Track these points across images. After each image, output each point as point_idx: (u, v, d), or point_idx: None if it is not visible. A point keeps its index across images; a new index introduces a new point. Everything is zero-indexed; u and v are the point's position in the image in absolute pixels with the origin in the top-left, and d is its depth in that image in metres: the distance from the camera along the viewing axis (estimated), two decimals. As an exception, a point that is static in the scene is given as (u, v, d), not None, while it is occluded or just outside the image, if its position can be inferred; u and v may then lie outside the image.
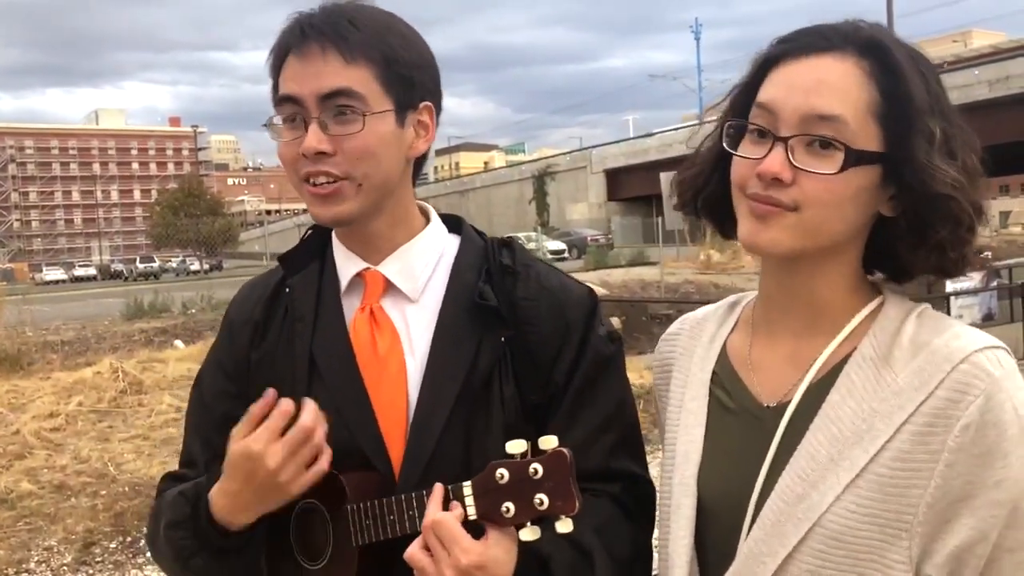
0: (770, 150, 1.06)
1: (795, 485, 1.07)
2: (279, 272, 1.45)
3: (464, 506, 1.15)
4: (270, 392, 1.25)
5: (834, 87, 1.04)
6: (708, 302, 1.30)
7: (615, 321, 14.23)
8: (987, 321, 12.28)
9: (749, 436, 1.15)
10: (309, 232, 1.47)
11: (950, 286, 12.79)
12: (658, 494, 1.29)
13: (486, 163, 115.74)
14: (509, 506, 1.11)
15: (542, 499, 1.10)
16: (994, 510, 0.99)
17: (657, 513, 1.29)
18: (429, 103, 1.36)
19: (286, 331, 1.39)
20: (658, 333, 1.39)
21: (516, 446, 1.12)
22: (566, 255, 36.89)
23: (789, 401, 1.12)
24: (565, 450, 1.11)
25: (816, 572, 1.04)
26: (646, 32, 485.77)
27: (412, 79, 1.32)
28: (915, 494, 1.01)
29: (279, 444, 1.21)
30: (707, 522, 1.17)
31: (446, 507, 1.16)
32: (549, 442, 1.12)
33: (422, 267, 1.38)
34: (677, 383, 1.27)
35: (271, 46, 1.34)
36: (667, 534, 1.20)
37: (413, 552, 1.15)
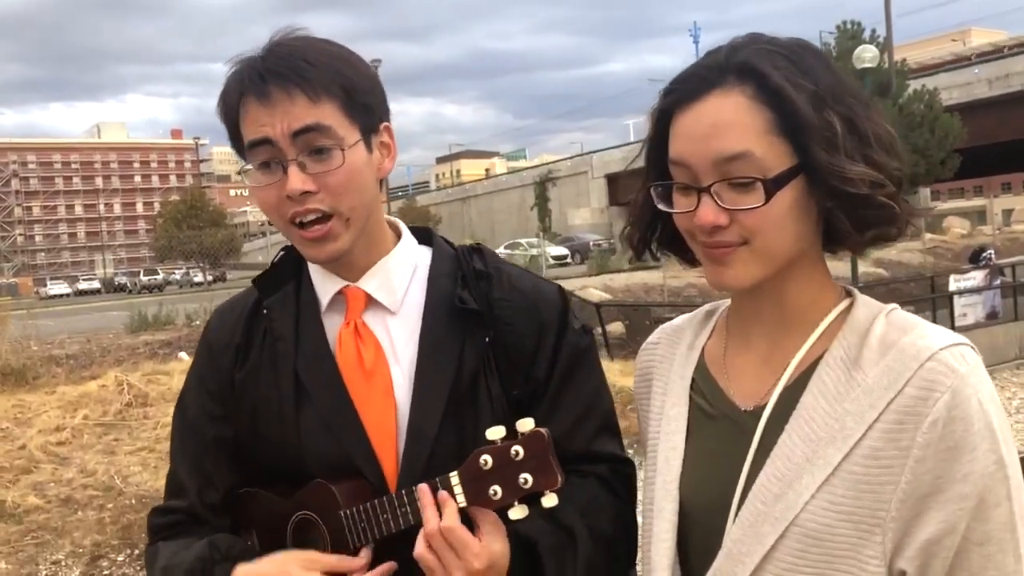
0: (699, 201, 1.10)
1: (772, 485, 1.10)
2: (253, 293, 1.47)
3: (453, 495, 1.20)
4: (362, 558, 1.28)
5: (730, 125, 1.08)
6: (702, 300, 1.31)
7: (618, 326, 14.23)
8: (991, 319, 12.27)
9: (728, 440, 1.18)
10: (282, 253, 1.49)
11: (953, 285, 12.78)
12: (641, 499, 1.32)
13: (487, 170, 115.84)
14: (496, 489, 1.17)
15: (526, 478, 1.16)
16: (962, 503, 1.02)
17: (640, 518, 1.32)
18: (387, 123, 1.40)
19: (267, 351, 1.41)
20: (658, 329, 1.42)
21: (495, 432, 1.19)
22: (569, 260, 36.89)
23: (765, 404, 1.15)
24: (542, 429, 1.18)
25: (793, 570, 1.07)
26: (645, 36, 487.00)
27: (370, 104, 1.35)
28: (887, 490, 1.04)
29: None
30: (689, 526, 1.20)
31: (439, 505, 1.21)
32: (526, 424, 1.19)
33: (399, 280, 1.42)
34: (657, 391, 1.31)
35: (224, 86, 1.34)
36: (649, 538, 1.23)
37: (422, 552, 1.20)
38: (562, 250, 38.74)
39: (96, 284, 68.01)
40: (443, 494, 1.20)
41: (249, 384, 1.41)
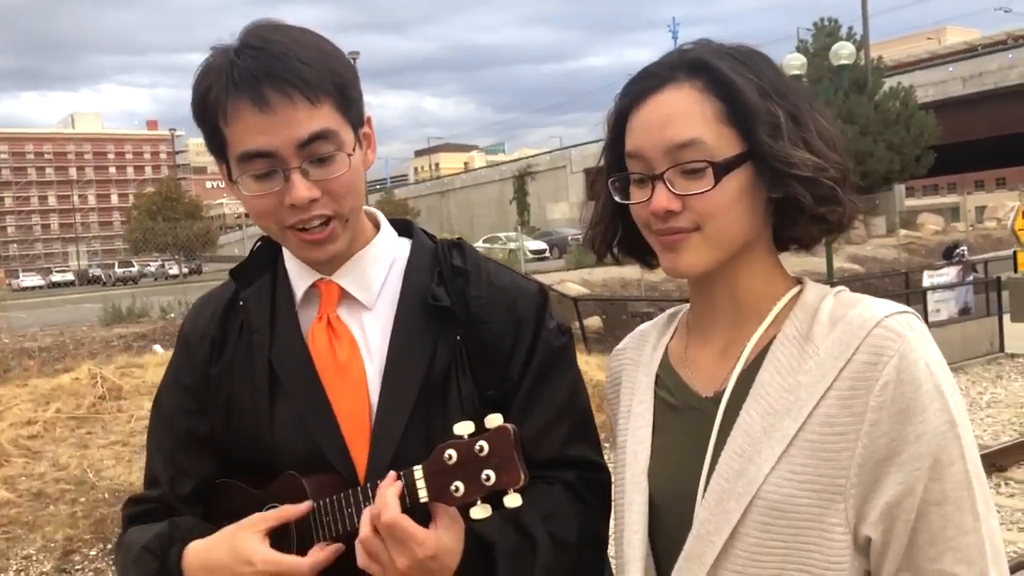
0: (653, 189, 1.16)
1: (733, 462, 1.13)
2: (231, 286, 1.45)
3: (416, 489, 1.17)
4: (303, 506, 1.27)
5: (680, 114, 1.15)
6: (688, 300, 1.34)
7: (596, 320, 14.27)
8: (964, 315, 12.41)
9: (692, 428, 1.20)
10: (259, 244, 1.47)
11: (927, 280, 12.92)
12: (612, 495, 1.32)
13: (466, 163, 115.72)
14: (458, 485, 1.15)
15: (489, 475, 1.13)
16: (917, 463, 1.05)
17: (612, 513, 1.33)
18: (368, 114, 1.37)
19: (243, 344, 1.40)
20: (627, 336, 1.43)
21: (464, 427, 1.16)
22: (547, 255, 36.94)
23: (724, 388, 1.19)
24: (509, 426, 1.15)
25: (761, 544, 1.10)
26: (624, 31, 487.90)
27: (356, 98, 1.32)
28: (845, 456, 1.07)
29: None
30: (659, 515, 1.22)
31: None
32: (494, 420, 1.16)
33: (376, 274, 1.40)
34: (626, 391, 1.34)
35: (199, 81, 1.26)
36: (621, 531, 1.25)
37: (365, 562, 1.19)
38: (540, 244, 38.78)
39: (70, 276, 67.26)
40: (396, 486, 1.18)
41: (224, 377, 1.40)
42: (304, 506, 1.28)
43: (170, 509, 1.41)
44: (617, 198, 1.22)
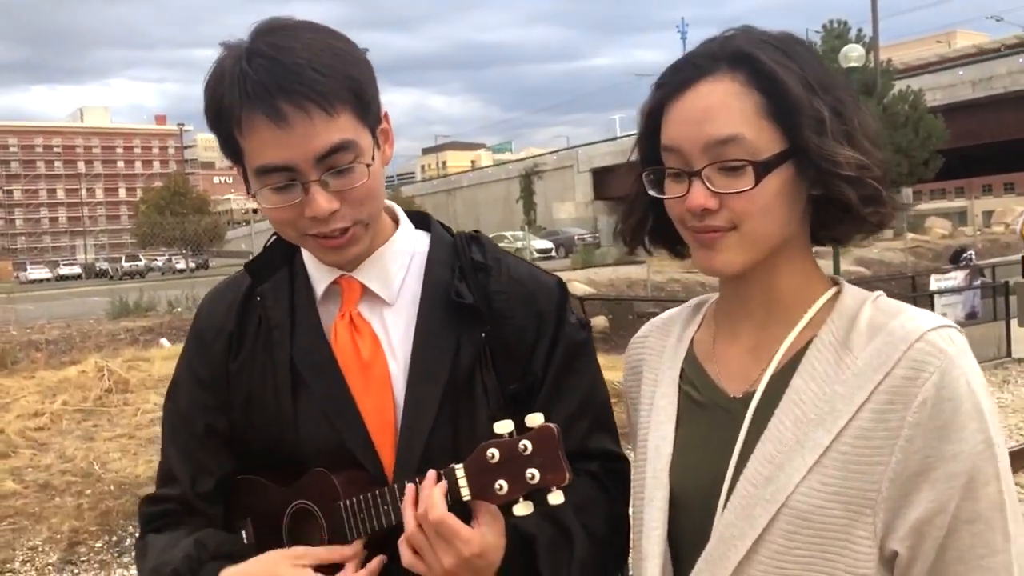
0: (690, 186, 1.12)
1: (763, 468, 1.11)
2: (245, 280, 1.44)
3: (458, 488, 1.18)
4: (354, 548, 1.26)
5: (720, 109, 1.10)
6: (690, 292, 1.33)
7: (601, 319, 14.27)
8: (970, 319, 12.37)
9: (718, 427, 1.18)
10: (273, 239, 1.45)
11: (934, 284, 12.88)
12: (632, 488, 1.32)
13: (473, 162, 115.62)
14: (502, 483, 1.15)
15: (533, 473, 1.13)
16: (951, 482, 1.03)
17: (631, 508, 1.33)
18: (384, 110, 1.34)
19: (262, 340, 1.38)
20: (648, 322, 1.42)
21: (503, 426, 1.16)
22: (553, 254, 36.93)
23: (754, 391, 1.16)
24: (552, 425, 1.15)
25: (785, 551, 1.08)
26: (632, 31, 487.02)
27: (374, 99, 1.29)
28: (877, 471, 1.05)
29: None
30: (679, 514, 1.21)
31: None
32: (535, 419, 1.15)
33: (396, 270, 1.39)
34: (648, 383, 1.32)
35: (212, 88, 1.23)
36: (640, 527, 1.24)
37: (413, 533, 1.18)
38: (547, 243, 38.77)
39: (77, 269, 67.49)
40: (441, 485, 1.18)
41: (244, 373, 1.38)
42: (352, 551, 1.26)
43: (189, 508, 1.39)
44: (652, 192, 1.19)
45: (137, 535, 1.47)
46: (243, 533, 1.38)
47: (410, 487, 1.20)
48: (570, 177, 57.07)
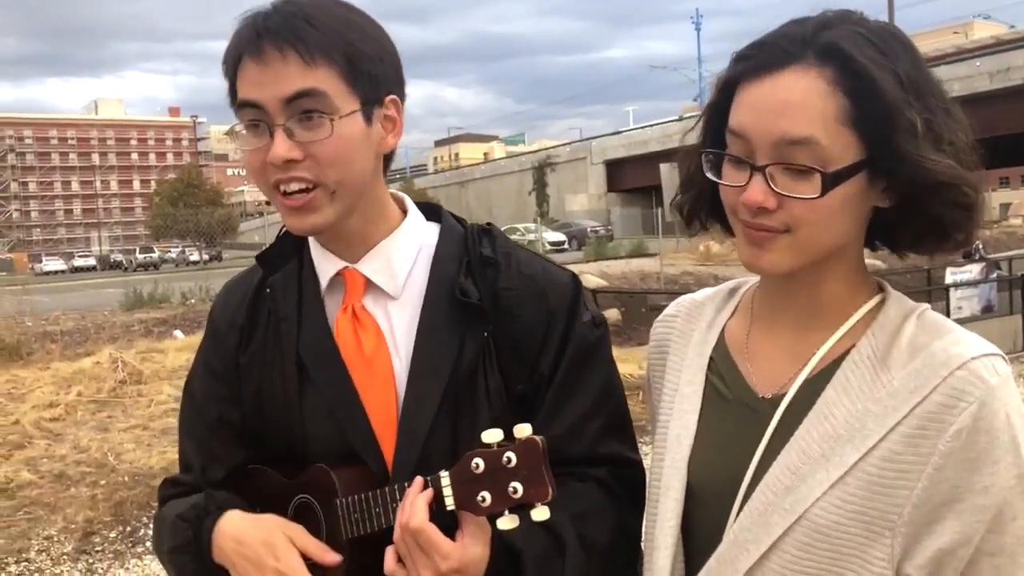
0: (750, 179, 1.06)
1: (784, 477, 1.08)
2: (258, 271, 1.44)
3: (442, 496, 1.15)
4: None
5: (800, 106, 1.02)
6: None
7: (614, 312, 14.24)
8: (986, 313, 12.29)
9: (743, 425, 1.16)
10: (284, 229, 1.43)
11: (949, 278, 12.80)
12: (648, 475, 1.29)
13: (486, 154, 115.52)
14: (485, 495, 1.12)
15: (516, 487, 1.10)
16: (979, 515, 1.00)
17: (646, 495, 1.30)
18: (394, 96, 1.31)
19: (271, 332, 1.38)
20: (678, 300, 1.38)
21: (492, 435, 1.13)
22: (566, 246, 36.90)
23: (784, 394, 1.13)
24: (537, 438, 1.11)
25: (797, 563, 1.06)
26: (646, 22, 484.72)
27: (376, 74, 1.27)
28: (902, 494, 1.02)
29: None
30: (694, 507, 1.18)
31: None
32: (523, 430, 1.12)
33: (402, 262, 1.36)
34: (672, 366, 1.28)
35: (227, 46, 1.28)
36: (654, 516, 1.22)
37: (397, 544, 1.17)
38: (559, 236, 38.73)
39: (92, 261, 67.83)
40: (427, 493, 1.16)
41: (254, 365, 1.39)
42: (334, 560, 1.27)
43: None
44: (708, 174, 1.12)
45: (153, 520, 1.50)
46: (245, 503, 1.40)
47: (418, 480, 1.19)
48: (583, 169, 56.97)
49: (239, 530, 1.30)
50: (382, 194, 1.37)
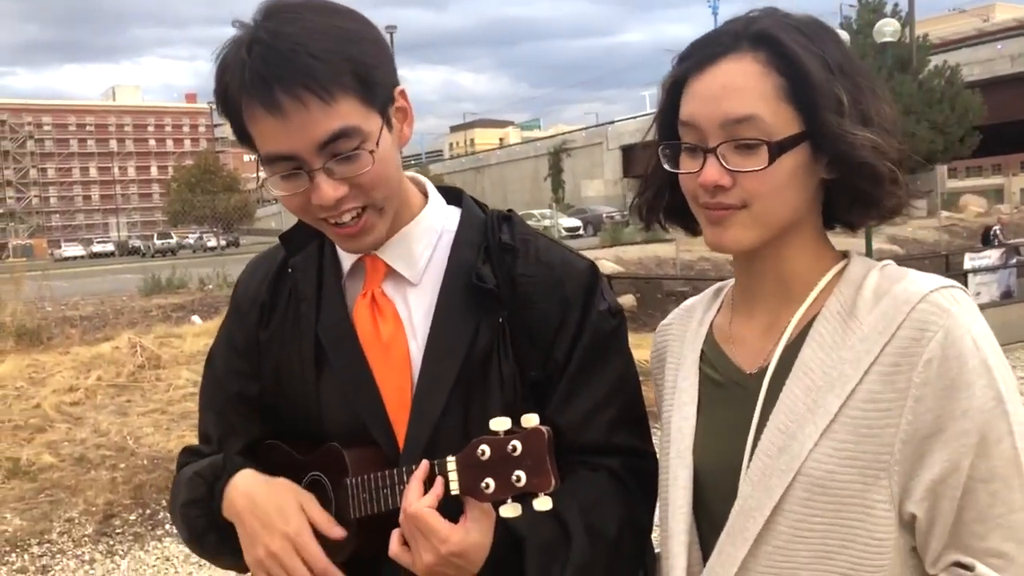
0: (704, 162, 1.13)
1: (776, 438, 1.12)
2: (281, 251, 1.45)
3: (447, 481, 1.16)
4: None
5: (740, 88, 1.12)
6: (723, 279, 1.34)
7: (630, 298, 14.22)
8: (1006, 298, 12.19)
9: (736, 404, 1.20)
10: None
11: (968, 263, 12.71)
12: (659, 475, 1.31)
13: (501, 139, 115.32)
14: (489, 482, 1.13)
15: (519, 476, 1.11)
16: (963, 439, 1.03)
17: (658, 487, 1.31)
18: (400, 87, 1.30)
19: (292, 312, 1.40)
20: (673, 311, 1.42)
21: (500, 423, 1.13)
22: (581, 232, 36.83)
23: (768, 365, 1.18)
24: (543, 428, 1.12)
25: (803, 520, 1.09)
26: (663, 6, 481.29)
27: (382, 79, 1.24)
28: (889, 433, 1.06)
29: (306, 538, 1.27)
30: (704, 492, 1.22)
31: (429, 485, 1.18)
32: (530, 420, 1.13)
33: (422, 249, 1.37)
34: (671, 367, 1.33)
35: (218, 76, 1.22)
36: (666, 506, 1.25)
37: (395, 551, 1.19)
38: (575, 222, 38.67)
39: (110, 247, 68.46)
40: (434, 479, 1.17)
41: (273, 343, 1.40)
42: (338, 533, 1.28)
43: None
44: (667, 166, 1.20)
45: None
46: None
47: (424, 464, 1.19)
48: (599, 154, 56.77)
49: (253, 489, 1.31)
50: (404, 183, 1.37)
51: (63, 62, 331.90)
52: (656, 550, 1.36)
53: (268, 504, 1.29)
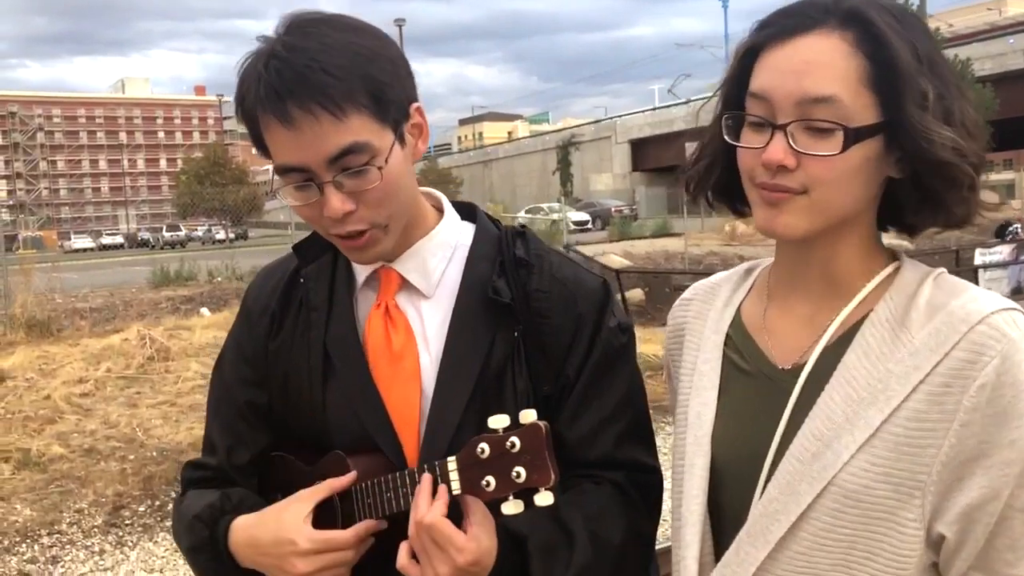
0: (771, 138, 1.07)
1: (810, 444, 1.08)
2: (294, 260, 1.45)
3: (449, 481, 1.16)
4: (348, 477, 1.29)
5: (822, 65, 1.05)
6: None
7: (638, 292, 14.21)
8: (1016, 294, 12.14)
9: (764, 398, 1.16)
10: None
11: (979, 259, 12.65)
12: (672, 455, 1.29)
13: (510, 133, 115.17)
14: (489, 480, 1.13)
15: (519, 472, 1.11)
16: (1007, 469, 1.00)
17: (671, 474, 1.30)
18: (417, 104, 1.31)
19: (302, 321, 1.40)
20: (694, 284, 1.40)
21: (498, 421, 1.14)
22: (589, 226, 36.78)
23: (805, 363, 1.14)
24: (541, 423, 1.12)
25: (829, 529, 1.06)
26: (673, 0, 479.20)
27: (398, 97, 1.26)
28: (929, 453, 1.03)
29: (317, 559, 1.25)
30: (720, 482, 1.19)
31: (435, 492, 1.17)
32: (528, 416, 1.13)
33: (437, 262, 1.38)
34: (690, 347, 1.29)
35: (238, 88, 1.25)
36: (680, 493, 1.22)
37: (412, 539, 1.18)
38: (583, 215, 38.61)
39: (119, 239, 68.60)
40: (440, 488, 1.17)
41: (282, 352, 1.41)
42: (348, 477, 1.28)
43: (226, 477, 1.43)
44: (727, 138, 1.13)
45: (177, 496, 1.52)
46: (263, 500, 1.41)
47: (426, 475, 1.19)
48: (608, 148, 56.66)
49: (250, 535, 1.31)
50: (418, 198, 1.38)
51: (73, 55, 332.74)
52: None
53: (268, 537, 1.28)
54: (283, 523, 1.28)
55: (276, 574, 1.29)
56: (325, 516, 1.31)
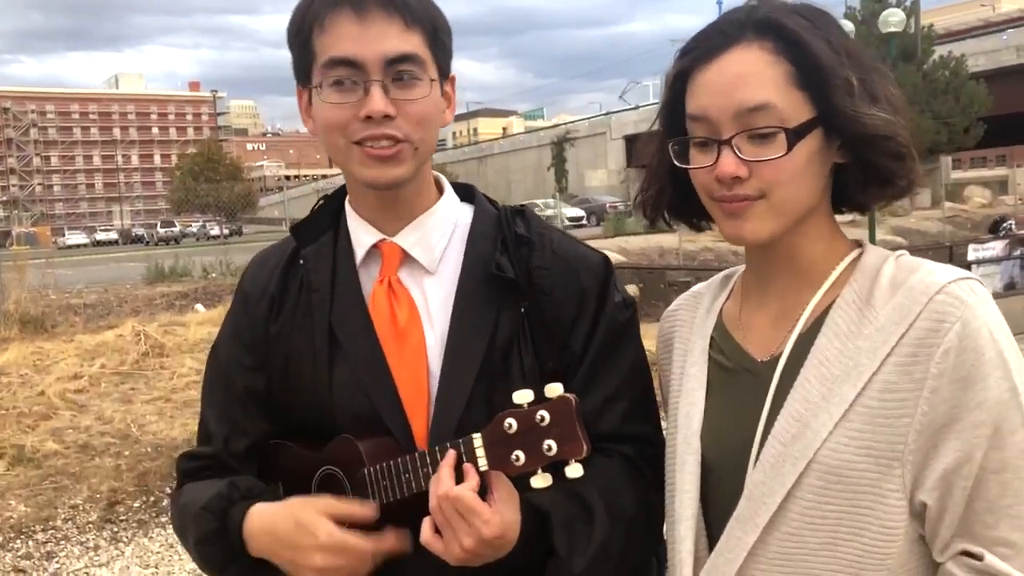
0: (719, 154, 1.12)
1: (790, 426, 1.12)
2: (291, 243, 1.44)
3: (475, 458, 1.16)
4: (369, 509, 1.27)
5: (751, 76, 1.11)
6: (716, 265, 1.33)
7: (633, 288, 14.22)
8: (1009, 290, 12.17)
9: (747, 391, 1.20)
10: (321, 202, 1.46)
11: (972, 254, 12.68)
12: (664, 457, 1.31)
13: (504, 129, 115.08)
14: (519, 455, 1.13)
15: (550, 445, 1.12)
16: (977, 431, 1.04)
17: (664, 474, 1.32)
18: (453, 74, 1.38)
19: (303, 303, 1.39)
20: (679, 296, 1.42)
21: (523, 396, 1.15)
22: (584, 222, 36.75)
23: (781, 353, 1.18)
24: (570, 395, 1.13)
25: (815, 507, 1.09)
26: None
27: (449, 50, 1.34)
28: (903, 423, 1.06)
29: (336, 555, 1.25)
30: (711, 478, 1.21)
31: (459, 470, 1.17)
32: (554, 390, 1.14)
33: (438, 238, 1.38)
34: (678, 353, 1.33)
35: (301, 3, 1.30)
36: (672, 491, 1.25)
37: (434, 512, 1.17)
38: (578, 211, 38.57)
39: (114, 235, 68.41)
40: (466, 466, 1.17)
41: (283, 335, 1.39)
42: (369, 512, 1.27)
43: (224, 467, 1.41)
44: (677, 162, 1.19)
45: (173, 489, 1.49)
46: (271, 488, 1.40)
47: (450, 451, 1.19)
48: (602, 144, 56.62)
49: (269, 523, 1.30)
50: (430, 169, 1.41)
51: (67, 50, 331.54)
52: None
53: (288, 529, 1.27)
54: (304, 516, 1.27)
55: (288, 567, 1.28)
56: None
